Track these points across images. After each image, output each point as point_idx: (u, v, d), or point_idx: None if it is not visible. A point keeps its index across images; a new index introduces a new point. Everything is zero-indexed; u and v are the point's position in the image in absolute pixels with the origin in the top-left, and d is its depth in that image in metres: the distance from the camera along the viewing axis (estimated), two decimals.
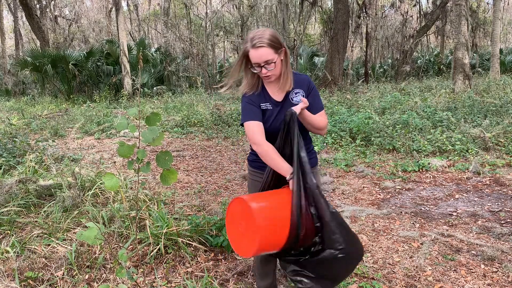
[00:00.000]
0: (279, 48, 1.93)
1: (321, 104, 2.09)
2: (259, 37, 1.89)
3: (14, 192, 3.84)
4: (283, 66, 1.98)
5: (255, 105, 2.01)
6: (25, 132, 7.86)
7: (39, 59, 15.73)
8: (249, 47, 1.90)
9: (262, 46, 1.88)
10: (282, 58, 1.97)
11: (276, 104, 2.04)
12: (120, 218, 3.36)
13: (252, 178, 2.21)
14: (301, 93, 2.05)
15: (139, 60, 2.06)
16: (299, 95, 2.04)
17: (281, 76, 2.00)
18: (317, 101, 2.07)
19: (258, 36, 1.89)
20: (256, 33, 1.92)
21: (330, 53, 15.03)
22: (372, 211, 3.96)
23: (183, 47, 20.75)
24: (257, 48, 1.88)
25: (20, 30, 24.89)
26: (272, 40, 1.90)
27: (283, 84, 2.01)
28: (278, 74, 1.98)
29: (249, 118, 1.97)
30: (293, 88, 2.04)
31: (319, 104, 2.07)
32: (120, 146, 1.81)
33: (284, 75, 2.00)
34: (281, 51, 1.94)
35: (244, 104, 2.03)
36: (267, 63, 1.90)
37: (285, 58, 1.98)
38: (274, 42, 1.90)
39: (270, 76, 1.96)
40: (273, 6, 20.66)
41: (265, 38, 1.89)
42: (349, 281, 2.66)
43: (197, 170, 5.75)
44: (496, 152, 5.72)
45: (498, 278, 2.66)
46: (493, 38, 14.88)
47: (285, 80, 2.00)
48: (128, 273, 1.97)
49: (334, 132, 6.97)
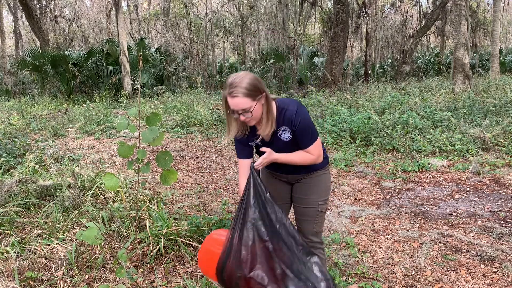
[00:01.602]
0: (257, 95, 1.90)
1: (309, 140, 2.01)
2: (235, 85, 1.86)
3: (14, 192, 3.84)
4: (264, 111, 1.95)
5: (242, 143, 2.12)
6: (25, 132, 7.86)
7: (39, 59, 15.72)
8: (227, 93, 1.90)
9: (237, 96, 1.87)
10: (262, 103, 1.93)
11: (266, 141, 2.08)
12: (120, 218, 3.36)
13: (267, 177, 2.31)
14: (288, 130, 2.02)
15: (139, 60, 2.07)
16: (286, 132, 2.02)
17: (261, 120, 1.98)
18: (305, 138, 2.01)
19: (234, 85, 1.87)
20: (234, 80, 1.89)
21: (330, 53, 15.03)
22: (372, 211, 3.96)
23: (183, 47, 20.75)
24: (233, 97, 1.88)
25: (20, 30, 24.89)
26: (248, 89, 1.86)
27: (263, 129, 2.00)
28: (258, 118, 1.97)
29: (238, 155, 2.16)
30: (280, 126, 2.02)
31: (307, 141, 2.01)
32: (120, 146, 1.81)
33: (264, 119, 1.97)
34: (259, 97, 1.91)
35: (234, 142, 2.16)
36: (244, 111, 1.90)
37: (265, 103, 1.94)
38: (251, 90, 1.87)
39: (250, 121, 1.96)
40: (273, 6, 20.66)
41: (241, 87, 1.86)
42: (349, 281, 2.67)
43: (197, 170, 5.75)
44: (496, 152, 5.72)
45: (498, 278, 2.66)
46: (493, 38, 14.88)
47: (265, 124, 1.98)
48: (128, 273, 1.97)
49: (334, 132, 6.97)
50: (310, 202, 2.19)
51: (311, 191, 2.18)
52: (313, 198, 2.18)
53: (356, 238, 3.35)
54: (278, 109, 2.00)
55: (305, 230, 2.23)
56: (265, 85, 1.98)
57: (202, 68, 20.23)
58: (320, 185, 2.19)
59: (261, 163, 2.00)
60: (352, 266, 2.86)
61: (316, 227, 2.23)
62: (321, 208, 2.20)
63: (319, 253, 2.24)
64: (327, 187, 2.22)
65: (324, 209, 2.22)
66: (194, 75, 18.85)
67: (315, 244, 2.24)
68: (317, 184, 2.18)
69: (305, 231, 2.23)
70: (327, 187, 2.22)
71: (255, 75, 1.95)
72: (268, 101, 1.95)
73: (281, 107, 2.00)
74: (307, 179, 2.19)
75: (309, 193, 2.18)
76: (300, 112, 1.98)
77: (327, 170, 2.23)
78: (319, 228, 2.24)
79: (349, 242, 3.19)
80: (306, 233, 2.23)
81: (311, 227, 2.22)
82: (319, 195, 2.19)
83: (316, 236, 2.25)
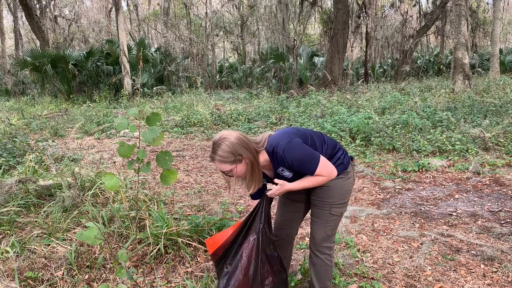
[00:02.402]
0: (236, 159, 1.93)
1: (311, 167, 2.00)
2: (213, 151, 1.94)
3: (14, 192, 3.84)
4: (248, 170, 1.99)
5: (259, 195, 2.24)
6: (25, 132, 7.86)
7: (39, 59, 15.72)
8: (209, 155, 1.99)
9: (215, 162, 1.97)
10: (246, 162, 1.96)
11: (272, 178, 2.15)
12: (120, 218, 3.36)
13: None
14: (285, 169, 2.05)
15: (139, 60, 2.07)
16: (285, 171, 2.06)
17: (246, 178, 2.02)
18: (306, 168, 2.01)
19: (213, 150, 1.94)
20: (213, 143, 1.95)
21: (330, 53, 15.03)
22: (372, 211, 3.96)
23: (183, 47, 20.76)
24: (213, 162, 1.98)
25: (20, 30, 24.89)
26: (223, 156, 1.92)
27: (248, 186, 2.05)
28: (244, 175, 2.01)
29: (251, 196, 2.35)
30: (278, 167, 2.06)
31: (309, 169, 2.01)
32: (120, 146, 1.81)
33: (248, 177, 2.02)
34: (239, 160, 1.94)
35: None
36: (227, 173, 1.99)
37: (248, 163, 1.97)
38: (226, 158, 1.92)
39: (239, 179, 2.04)
40: (273, 6, 20.68)
41: (218, 154, 1.93)
42: (349, 281, 2.67)
43: (197, 170, 5.75)
44: (496, 152, 5.72)
45: (498, 278, 2.66)
46: (493, 38, 14.89)
47: (249, 181, 2.04)
48: (128, 273, 1.97)
49: (334, 132, 6.97)
50: (323, 204, 2.16)
51: (326, 195, 2.15)
52: (327, 201, 2.15)
53: (356, 238, 3.35)
54: (270, 153, 2.03)
55: (316, 232, 2.20)
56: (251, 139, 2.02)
57: (202, 68, 20.25)
58: (336, 191, 2.15)
59: (274, 193, 2.06)
60: (352, 266, 2.86)
61: (328, 230, 2.18)
62: (334, 212, 2.16)
63: (325, 259, 2.21)
64: (343, 192, 2.16)
65: (338, 213, 2.17)
66: (194, 75, 18.86)
67: (322, 248, 2.20)
68: (333, 190, 2.14)
69: (315, 233, 2.21)
70: (344, 191, 2.16)
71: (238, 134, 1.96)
72: (252, 162, 1.98)
73: (270, 151, 2.02)
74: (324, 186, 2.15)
75: (324, 196, 2.15)
76: (288, 150, 1.97)
77: (346, 175, 2.17)
78: (331, 232, 2.19)
79: (349, 242, 3.18)
80: (316, 235, 2.20)
81: (323, 230, 2.18)
82: (333, 198, 2.14)
83: (325, 241, 2.20)
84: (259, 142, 2.04)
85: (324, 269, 2.23)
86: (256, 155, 1.99)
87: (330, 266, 2.23)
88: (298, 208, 2.33)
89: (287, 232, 2.38)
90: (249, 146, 1.96)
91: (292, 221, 2.36)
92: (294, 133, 2.05)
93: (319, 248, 2.21)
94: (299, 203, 2.31)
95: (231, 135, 1.95)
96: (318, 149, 2.10)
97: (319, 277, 2.24)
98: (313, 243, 2.23)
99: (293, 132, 2.06)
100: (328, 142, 2.17)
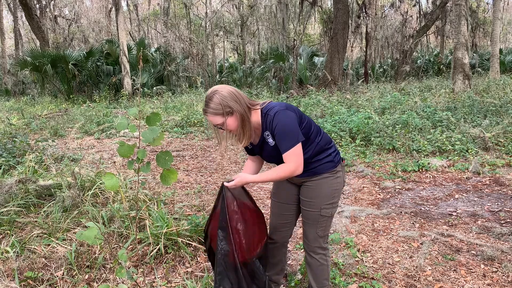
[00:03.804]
0: (227, 112, 1.95)
1: (285, 145, 1.96)
2: (206, 104, 1.98)
3: (14, 192, 3.84)
4: (238, 124, 2.00)
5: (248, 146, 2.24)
6: (25, 132, 7.86)
7: (38, 59, 15.72)
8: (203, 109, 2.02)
9: (207, 114, 1.99)
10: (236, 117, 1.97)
11: (256, 145, 2.15)
12: (120, 218, 3.36)
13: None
14: (270, 135, 2.03)
15: (139, 60, 2.07)
16: (270, 137, 2.04)
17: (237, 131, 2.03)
18: (281, 142, 1.97)
19: (205, 103, 1.98)
20: (206, 97, 1.98)
21: (330, 53, 15.02)
22: (372, 211, 3.96)
23: (183, 47, 20.76)
24: (205, 115, 2.01)
25: (20, 30, 24.88)
26: (215, 108, 1.94)
27: (240, 139, 2.06)
28: (236, 130, 2.02)
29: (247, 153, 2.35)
30: (265, 130, 2.05)
31: (283, 146, 1.97)
32: (120, 146, 1.81)
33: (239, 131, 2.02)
34: (230, 113, 1.95)
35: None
36: (219, 126, 2.00)
37: (239, 117, 1.97)
38: (218, 110, 1.94)
39: (231, 133, 2.05)
40: (273, 6, 20.67)
41: (209, 107, 1.96)
42: (349, 281, 2.67)
43: (197, 170, 5.75)
44: (496, 152, 5.72)
45: (498, 278, 2.66)
46: (492, 38, 14.89)
47: (240, 135, 2.05)
48: (128, 273, 1.97)
49: (334, 132, 6.97)
50: (312, 205, 2.14)
51: (314, 194, 2.14)
52: (316, 202, 2.13)
53: (356, 238, 3.35)
54: (262, 114, 2.03)
55: (308, 233, 2.20)
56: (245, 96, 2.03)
57: (202, 68, 20.24)
58: (323, 189, 2.13)
59: (233, 184, 2.08)
60: (352, 266, 2.86)
61: (320, 231, 2.17)
62: (324, 213, 2.14)
63: (320, 258, 2.20)
64: (332, 191, 2.14)
65: (328, 214, 2.15)
66: (194, 75, 18.86)
67: (316, 249, 2.20)
68: (320, 188, 2.13)
69: (307, 234, 2.20)
70: (332, 191, 2.14)
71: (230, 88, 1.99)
72: (242, 115, 1.98)
73: (264, 113, 2.03)
74: (312, 182, 2.14)
75: (313, 196, 2.14)
76: (278, 116, 1.96)
77: (334, 174, 2.14)
78: (322, 232, 2.18)
79: (349, 242, 3.19)
80: (308, 237, 2.20)
81: (314, 231, 2.17)
82: (322, 198, 2.13)
83: (318, 241, 2.19)
84: (257, 103, 2.07)
85: (320, 269, 2.22)
86: (247, 110, 2.00)
87: (326, 266, 2.23)
88: (289, 210, 2.31)
89: (282, 235, 2.37)
90: (240, 101, 1.98)
91: (286, 224, 2.34)
92: (294, 109, 2.04)
93: (313, 249, 2.20)
94: (290, 205, 2.29)
95: (223, 89, 1.98)
96: (312, 135, 2.08)
97: (315, 277, 2.23)
98: (306, 244, 2.23)
99: (293, 108, 2.05)
100: (323, 135, 2.16)
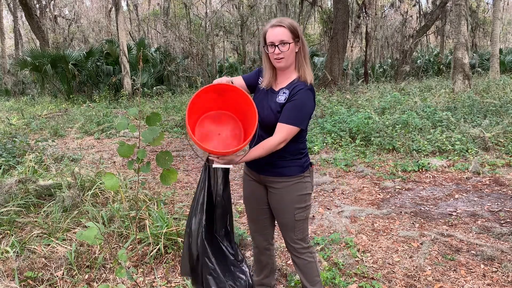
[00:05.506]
0: (296, 37, 1.96)
1: (288, 117, 1.92)
2: (280, 20, 1.97)
3: (14, 192, 3.84)
4: (296, 59, 2.00)
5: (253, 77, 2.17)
6: (25, 132, 7.86)
7: (38, 59, 15.71)
8: (268, 27, 1.97)
9: (280, 26, 1.94)
10: (298, 49, 1.98)
11: (266, 90, 2.07)
12: (120, 218, 3.36)
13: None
14: (286, 95, 1.98)
15: (139, 60, 2.07)
16: (285, 95, 1.99)
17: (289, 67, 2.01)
18: (286, 112, 1.93)
19: (279, 19, 1.97)
20: (278, 18, 2.00)
21: (329, 53, 15.02)
22: (372, 211, 3.96)
23: (183, 47, 20.74)
24: (275, 27, 1.94)
25: (20, 30, 24.88)
26: (292, 25, 1.95)
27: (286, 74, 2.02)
28: (289, 62, 1.98)
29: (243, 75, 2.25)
30: (287, 87, 2.00)
31: (285, 116, 1.93)
32: (120, 146, 1.81)
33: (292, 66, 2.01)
34: (298, 40, 1.97)
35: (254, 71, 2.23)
36: (281, 42, 1.92)
37: (301, 51, 1.99)
38: (293, 28, 1.95)
39: (281, 60, 1.95)
40: (272, 6, 20.67)
41: (286, 21, 1.96)
42: (349, 281, 2.67)
43: (197, 170, 5.75)
44: (495, 152, 5.72)
45: (498, 278, 2.66)
46: (492, 38, 14.89)
47: (290, 71, 2.02)
48: (128, 273, 1.97)
49: (334, 132, 6.97)
50: (285, 212, 2.10)
51: (283, 200, 2.08)
52: (287, 209, 2.09)
53: (356, 238, 3.35)
54: (295, 78, 2.02)
55: (287, 239, 2.17)
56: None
57: (202, 68, 20.24)
58: (291, 194, 2.07)
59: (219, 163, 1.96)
60: (352, 266, 2.86)
61: (298, 234, 2.13)
62: (299, 217, 2.10)
63: (306, 257, 2.17)
64: (302, 196, 2.08)
65: (303, 217, 2.11)
66: (194, 75, 18.85)
67: (299, 250, 2.16)
68: (288, 193, 2.07)
69: (287, 240, 2.17)
70: (302, 195, 2.08)
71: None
72: (304, 52, 2.00)
73: (300, 79, 2.00)
74: (278, 186, 2.08)
75: (282, 202, 2.09)
76: (308, 92, 1.96)
77: (302, 179, 2.08)
78: (301, 235, 2.14)
79: (349, 242, 3.19)
80: (288, 241, 2.17)
81: (292, 235, 2.14)
82: (293, 204, 2.07)
83: (298, 244, 2.16)
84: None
85: (308, 267, 2.19)
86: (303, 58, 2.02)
87: (314, 262, 2.20)
88: (263, 214, 2.25)
89: (263, 238, 2.32)
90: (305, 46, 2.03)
91: (263, 228, 2.30)
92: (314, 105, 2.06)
93: (296, 250, 2.17)
94: (263, 209, 2.23)
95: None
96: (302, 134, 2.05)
97: (306, 275, 2.21)
98: (288, 247, 2.20)
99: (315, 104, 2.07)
100: (305, 142, 2.13)
